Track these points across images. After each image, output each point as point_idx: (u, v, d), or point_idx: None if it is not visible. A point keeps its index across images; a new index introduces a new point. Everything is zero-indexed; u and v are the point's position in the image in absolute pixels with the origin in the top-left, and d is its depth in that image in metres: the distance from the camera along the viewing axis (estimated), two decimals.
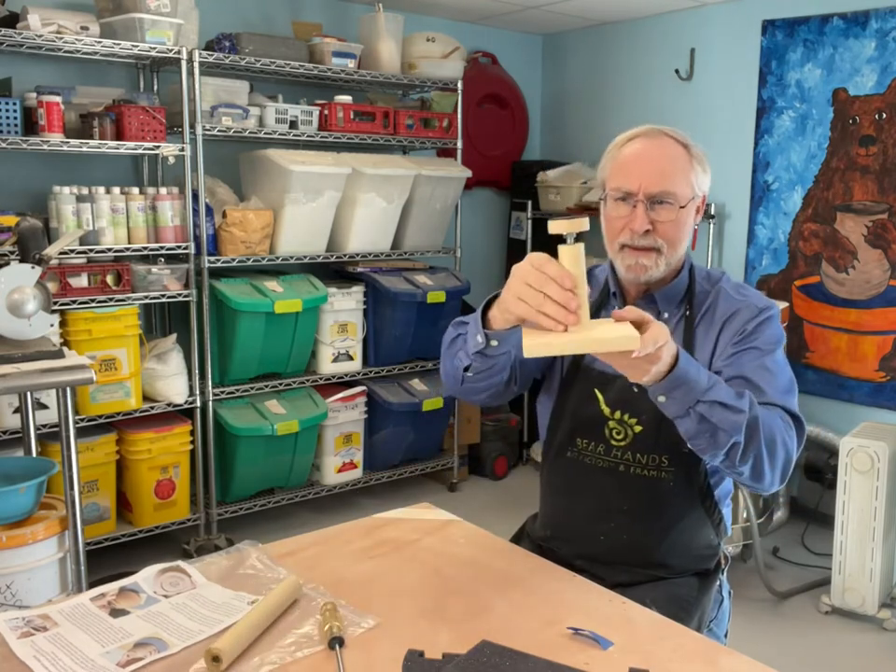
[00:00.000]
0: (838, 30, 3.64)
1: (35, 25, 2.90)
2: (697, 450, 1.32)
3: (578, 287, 1.14)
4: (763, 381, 1.42)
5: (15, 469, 2.34)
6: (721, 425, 1.27)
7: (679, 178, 1.47)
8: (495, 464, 4.38)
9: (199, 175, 3.26)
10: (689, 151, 1.50)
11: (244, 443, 3.43)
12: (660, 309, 1.55)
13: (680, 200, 1.47)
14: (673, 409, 1.28)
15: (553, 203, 4.49)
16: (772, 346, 1.47)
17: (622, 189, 1.47)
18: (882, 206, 3.57)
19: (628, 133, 1.54)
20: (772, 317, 1.50)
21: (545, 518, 1.68)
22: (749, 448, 1.30)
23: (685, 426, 1.29)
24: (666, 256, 1.48)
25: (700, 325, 1.53)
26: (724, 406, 1.27)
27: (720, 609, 1.64)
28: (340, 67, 3.61)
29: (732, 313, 1.51)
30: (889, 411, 3.60)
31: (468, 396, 1.53)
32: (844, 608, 3.01)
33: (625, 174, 1.47)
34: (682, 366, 1.23)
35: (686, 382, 1.24)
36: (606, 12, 4.33)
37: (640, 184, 1.45)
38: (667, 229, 1.47)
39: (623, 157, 1.50)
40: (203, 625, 1.18)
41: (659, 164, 1.47)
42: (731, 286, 1.56)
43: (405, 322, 3.85)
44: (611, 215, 1.50)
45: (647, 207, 1.45)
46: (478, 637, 1.12)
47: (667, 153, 1.48)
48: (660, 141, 1.50)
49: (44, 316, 2.28)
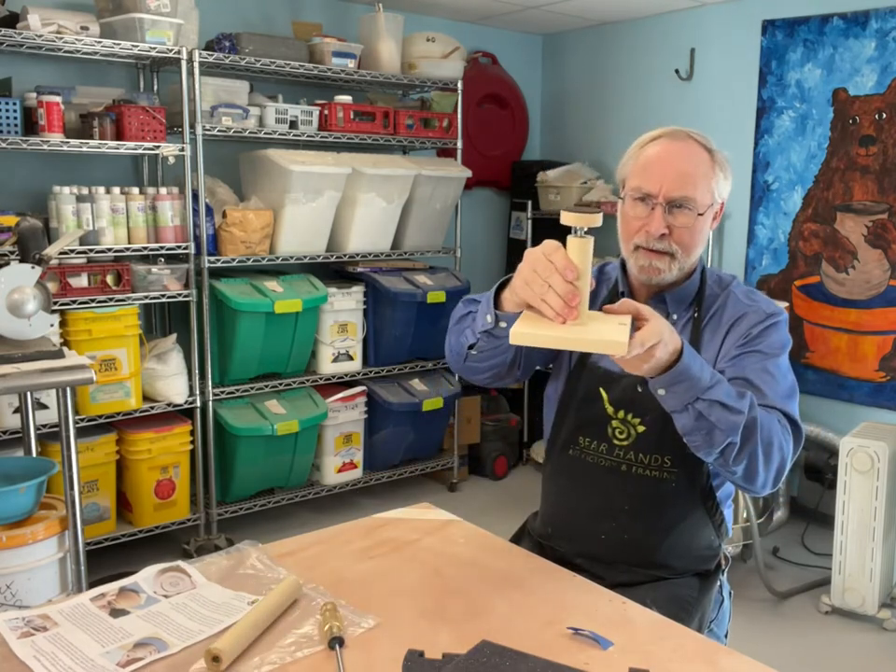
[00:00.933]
0: (838, 30, 3.64)
1: (35, 25, 2.90)
2: (692, 446, 1.33)
3: (579, 280, 1.15)
4: (764, 384, 1.42)
5: (15, 468, 2.34)
6: (718, 424, 1.27)
7: (701, 184, 1.46)
8: (495, 464, 4.38)
9: (199, 175, 3.26)
10: (712, 156, 1.48)
11: (244, 443, 3.42)
12: (669, 310, 1.54)
13: (699, 206, 1.45)
14: (672, 403, 1.28)
15: (553, 203, 4.49)
16: (776, 351, 1.46)
17: (641, 189, 1.46)
18: (882, 206, 3.57)
19: (652, 132, 1.52)
20: (779, 323, 1.50)
21: (546, 515, 1.67)
22: (745, 449, 1.30)
23: (682, 420, 1.29)
24: (680, 261, 1.48)
25: (707, 327, 1.53)
26: (724, 406, 1.27)
27: (720, 609, 1.64)
28: (340, 67, 3.61)
29: (739, 316, 1.51)
30: (889, 411, 3.60)
31: (469, 374, 1.53)
32: (844, 608, 3.01)
33: (647, 174, 1.46)
34: (685, 361, 1.23)
35: (688, 378, 1.24)
36: (606, 12, 4.33)
37: (661, 186, 1.44)
38: (683, 234, 1.46)
39: (646, 157, 1.49)
40: (203, 625, 1.18)
41: (681, 168, 1.45)
42: (741, 290, 1.56)
43: (405, 322, 3.85)
44: (629, 214, 1.49)
45: (665, 210, 1.44)
46: (478, 637, 1.12)
47: (691, 157, 1.47)
48: (684, 143, 1.48)
49: (44, 316, 2.28)
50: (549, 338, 1.15)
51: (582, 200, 4.35)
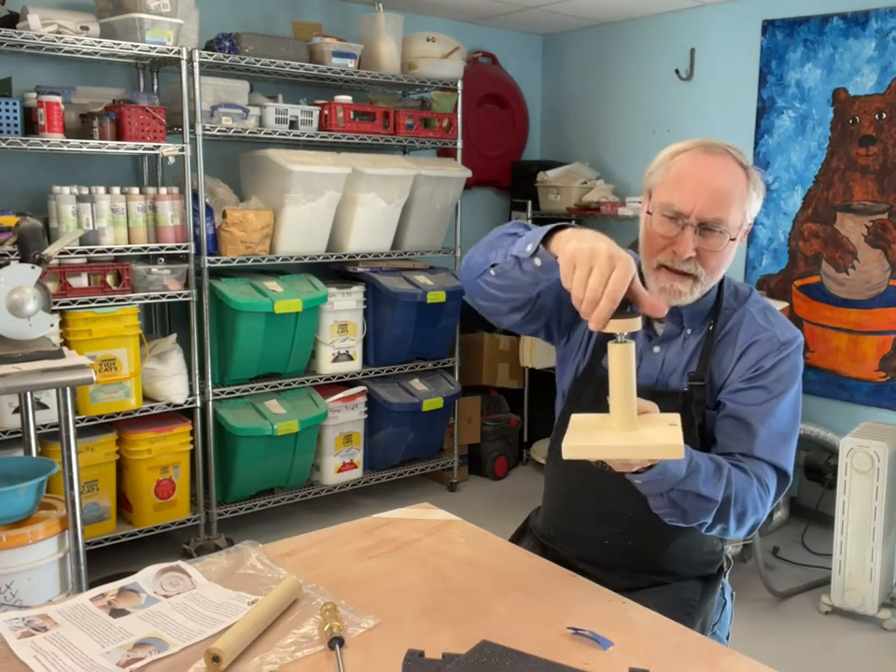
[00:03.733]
0: (838, 30, 3.64)
1: (35, 25, 2.90)
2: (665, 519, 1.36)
3: (626, 387, 1.11)
4: (761, 425, 1.40)
5: (15, 468, 2.34)
6: (690, 510, 1.31)
7: (735, 206, 1.37)
8: (495, 464, 4.38)
9: (199, 175, 3.26)
10: (748, 174, 1.41)
11: (244, 443, 3.42)
12: (685, 324, 1.49)
13: (731, 230, 1.38)
14: (646, 489, 1.30)
15: (552, 203, 4.49)
16: (783, 387, 1.42)
17: (673, 207, 1.36)
18: (882, 206, 3.57)
19: (685, 142, 1.42)
20: (792, 353, 1.44)
21: (549, 516, 1.67)
22: (717, 523, 1.35)
23: (656, 503, 1.32)
24: (703, 284, 1.41)
25: (721, 343, 1.48)
26: (697, 496, 1.29)
27: (722, 611, 1.64)
28: (340, 67, 3.61)
29: (753, 342, 1.45)
30: (889, 411, 3.60)
31: (475, 292, 1.43)
32: (844, 608, 3.01)
33: (680, 191, 1.36)
34: (662, 462, 1.22)
35: (664, 472, 1.24)
36: (606, 12, 4.33)
37: (694, 206, 1.35)
38: (711, 258, 1.38)
39: (678, 169, 1.39)
40: (203, 625, 1.18)
41: (717, 187, 1.36)
42: (758, 309, 1.49)
43: (405, 322, 3.84)
44: (656, 231, 1.40)
45: (695, 231, 1.36)
46: (478, 637, 1.12)
47: (727, 176, 1.38)
48: (720, 159, 1.39)
49: (44, 316, 2.28)
50: (601, 449, 1.13)
51: (582, 200, 4.35)
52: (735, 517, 1.34)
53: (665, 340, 1.50)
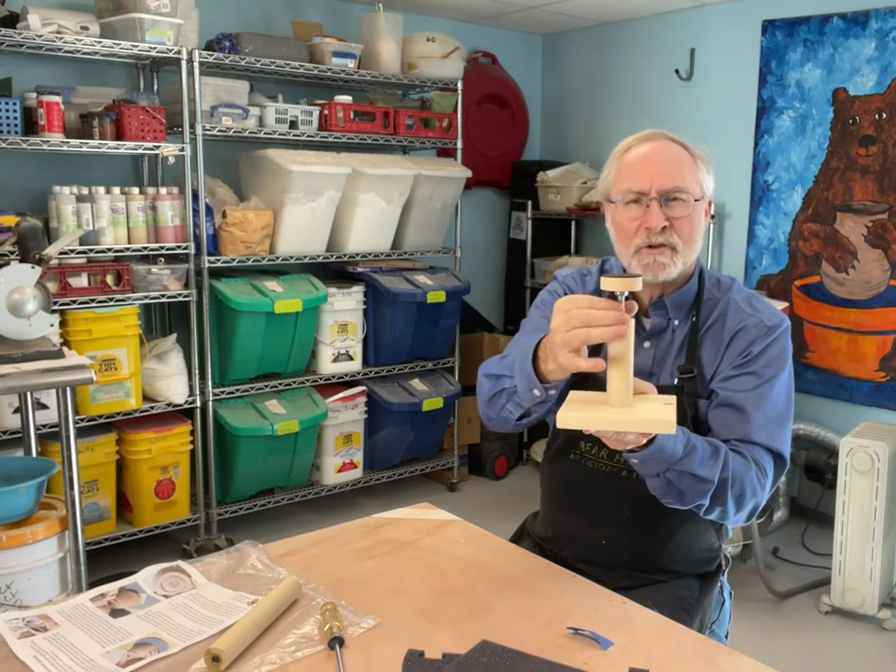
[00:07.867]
0: (838, 30, 3.64)
1: (35, 25, 2.90)
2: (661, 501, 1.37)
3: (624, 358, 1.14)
4: (755, 410, 1.42)
5: (15, 468, 2.34)
6: (687, 491, 1.32)
7: (688, 175, 1.46)
8: (495, 464, 4.38)
9: (199, 175, 3.26)
10: (691, 152, 1.49)
11: (244, 443, 3.42)
12: (670, 315, 1.52)
13: (694, 194, 1.45)
14: (643, 470, 1.31)
15: (553, 203, 4.49)
16: (774, 372, 1.45)
17: (632, 189, 1.45)
18: (882, 206, 3.57)
19: (628, 139, 1.52)
20: (779, 337, 1.47)
21: (546, 519, 1.67)
22: (715, 505, 1.35)
23: (652, 483, 1.33)
24: (682, 254, 1.46)
25: (707, 334, 1.51)
26: (694, 476, 1.30)
27: (721, 610, 1.64)
28: (340, 67, 3.61)
29: (739, 329, 1.48)
30: (889, 411, 3.60)
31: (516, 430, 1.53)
32: (844, 608, 3.01)
33: (635, 175, 1.45)
34: (659, 440, 1.24)
35: (661, 452, 1.25)
36: (606, 12, 4.33)
37: (652, 182, 1.43)
38: (683, 225, 1.44)
39: (630, 160, 1.48)
40: (203, 625, 1.18)
41: (667, 163, 1.46)
42: (742, 296, 1.53)
43: (405, 322, 3.85)
44: (623, 218, 1.47)
45: (661, 204, 1.43)
46: (478, 637, 1.12)
47: (673, 154, 1.47)
48: (663, 143, 1.48)
49: (44, 316, 2.28)
50: (597, 420, 1.15)
51: (582, 200, 4.35)
52: (734, 499, 1.35)
53: (654, 334, 1.54)
